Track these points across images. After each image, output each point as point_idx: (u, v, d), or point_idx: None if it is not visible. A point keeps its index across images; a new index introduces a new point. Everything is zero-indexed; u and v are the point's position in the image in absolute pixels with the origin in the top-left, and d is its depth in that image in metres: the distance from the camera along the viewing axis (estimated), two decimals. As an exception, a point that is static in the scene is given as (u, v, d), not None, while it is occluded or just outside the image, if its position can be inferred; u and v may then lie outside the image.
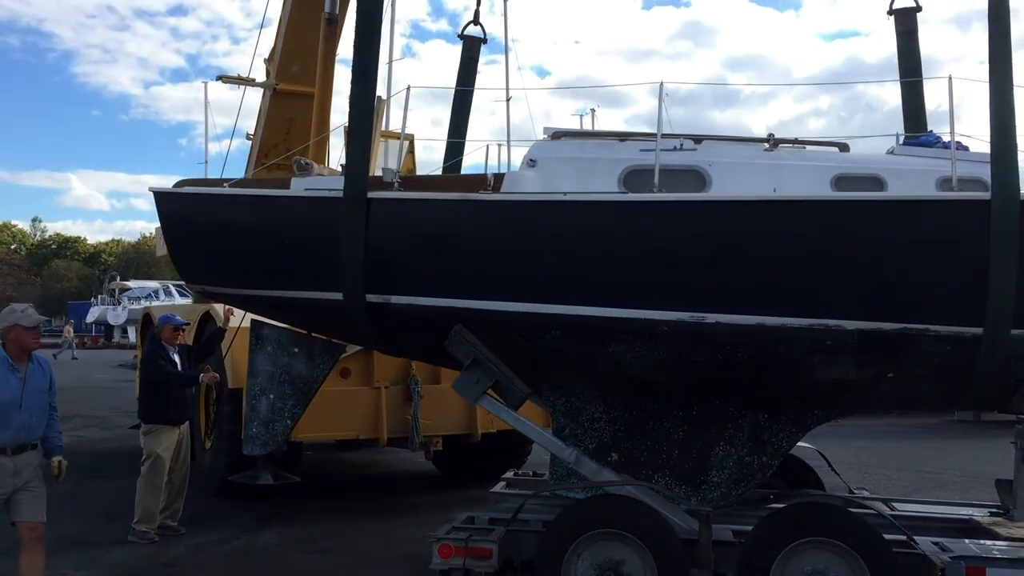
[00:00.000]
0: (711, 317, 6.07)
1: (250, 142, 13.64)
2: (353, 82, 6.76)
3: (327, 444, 12.58)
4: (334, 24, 11.81)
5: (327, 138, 11.18)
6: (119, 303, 52.44)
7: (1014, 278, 5.70)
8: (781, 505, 6.56)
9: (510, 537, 6.59)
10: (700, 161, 6.76)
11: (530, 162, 7.03)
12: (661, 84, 6.51)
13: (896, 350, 6.01)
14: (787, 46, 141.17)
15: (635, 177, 6.71)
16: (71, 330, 46.95)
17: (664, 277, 6.25)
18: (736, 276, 6.13)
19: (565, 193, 6.53)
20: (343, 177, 6.86)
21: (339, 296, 6.77)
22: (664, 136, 6.66)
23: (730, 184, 6.63)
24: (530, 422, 7.11)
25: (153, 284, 50.56)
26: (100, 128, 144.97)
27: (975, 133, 6.43)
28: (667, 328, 6.17)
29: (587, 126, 9.22)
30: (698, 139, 7.00)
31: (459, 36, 9.36)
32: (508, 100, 8.38)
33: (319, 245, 6.87)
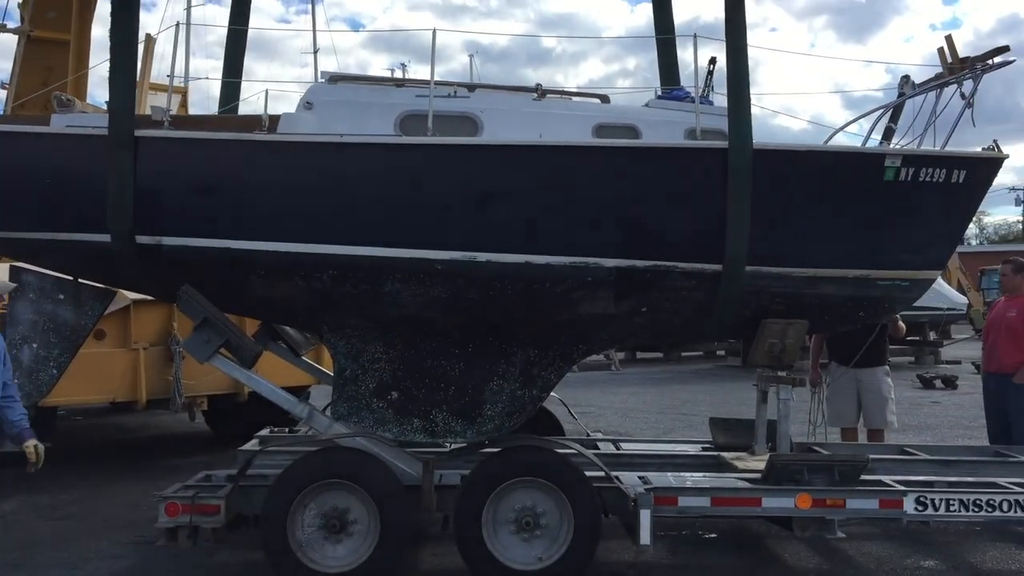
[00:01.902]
0: (482, 256, 6.36)
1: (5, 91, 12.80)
2: (113, 15, 6.44)
3: (99, 408, 12.06)
4: None
5: (86, 82, 10.64)
6: None
7: (747, 219, 6.33)
8: (495, 449, 6.96)
9: (242, 492, 6.61)
10: (472, 108, 7.01)
11: (306, 104, 7.02)
12: (434, 31, 6.67)
13: (648, 286, 6.53)
14: (595, 7, 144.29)
15: (410, 122, 6.88)
16: None
17: (437, 218, 6.44)
18: (504, 217, 6.43)
19: (341, 135, 6.59)
20: (108, 114, 6.56)
21: (107, 238, 6.50)
22: (438, 83, 6.90)
23: (500, 130, 6.91)
24: (262, 379, 7.10)
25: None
26: None
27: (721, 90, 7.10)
28: (441, 267, 6.39)
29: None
30: (471, 87, 7.30)
31: None
32: (316, 52, 8.32)
33: (83, 185, 6.55)
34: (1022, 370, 8.35)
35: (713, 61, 24.60)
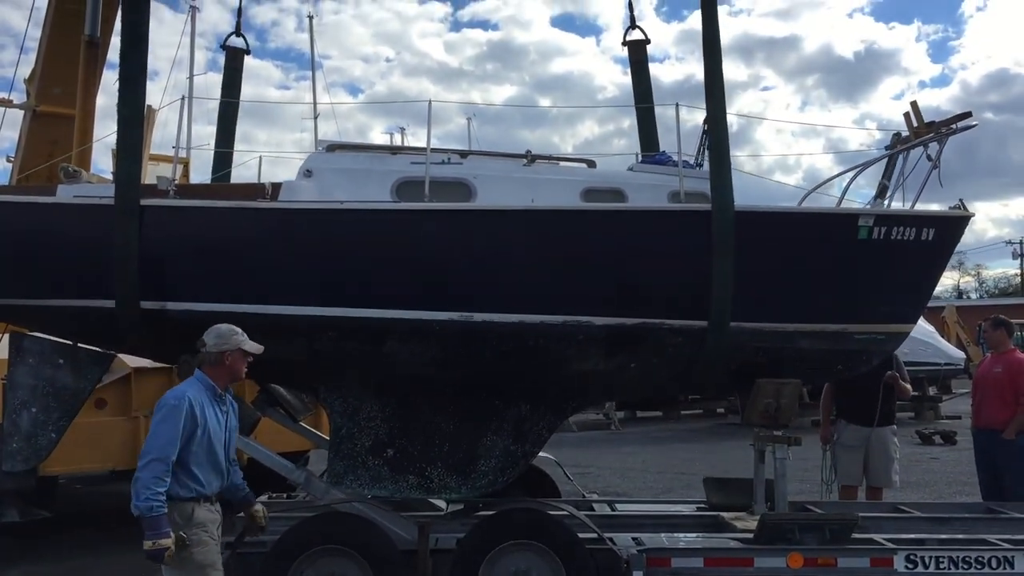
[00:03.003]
0: (478, 316, 6.50)
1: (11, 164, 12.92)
2: (121, 89, 6.62)
3: (100, 476, 11.99)
4: (96, 47, 11.45)
5: (90, 153, 10.86)
6: None
7: (731, 277, 6.51)
8: (490, 512, 6.96)
9: (239, 559, 6.47)
10: (466, 174, 7.24)
11: (306, 172, 7.20)
12: (430, 102, 6.99)
13: (637, 342, 6.68)
14: (590, 70, 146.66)
15: (406, 188, 7.09)
16: None
17: (435, 280, 6.60)
18: (500, 278, 6.59)
19: (342, 202, 6.80)
20: (114, 184, 6.73)
21: (111, 304, 6.59)
22: (433, 150, 7.19)
23: (493, 195, 7.12)
24: (260, 446, 7.13)
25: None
26: None
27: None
28: (439, 328, 6.52)
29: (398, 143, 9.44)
30: (463, 154, 7.51)
31: (222, 47, 9.28)
32: (316, 118, 8.61)
33: (90, 252, 6.67)
34: (1011, 426, 8.27)
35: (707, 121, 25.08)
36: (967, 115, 7.02)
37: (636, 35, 9.06)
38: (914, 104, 7.21)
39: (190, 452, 4.81)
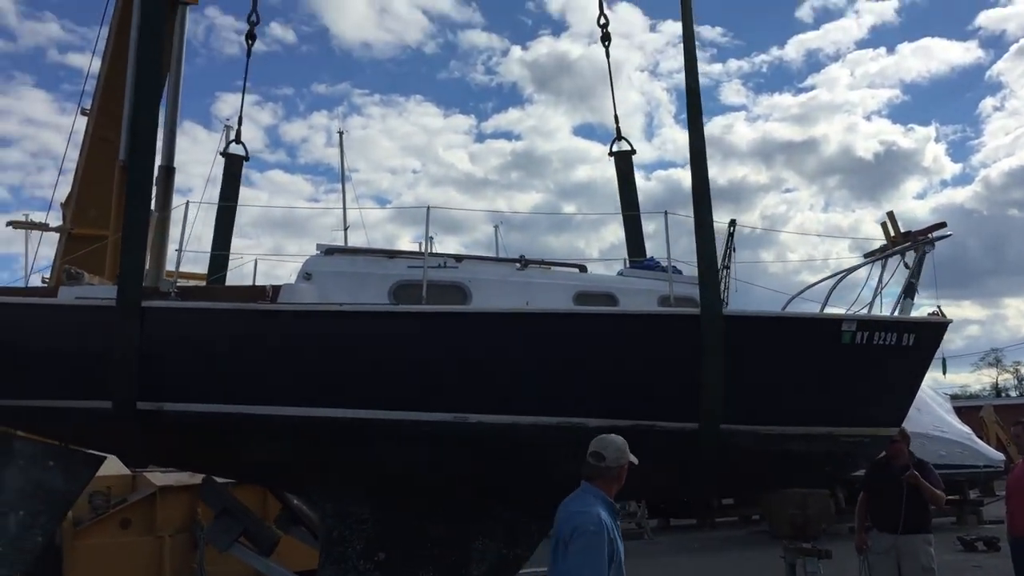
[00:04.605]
0: (473, 418, 6.39)
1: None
2: (128, 195, 6.67)
3: None
4: None
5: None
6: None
7: (720, 379, 6.46)
8: None
9: None
10: (462, 278, 7.27)
11: (305, 275, 7.22)
12: (428, 208, 7.10)
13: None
14: (612, 176, 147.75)
15: (403, 291, 7.07)
16: None
17: (431, 381, 6.49)
18: (495, 379, 6.48)
19: (341, 304, 6.81)
20: (116, 286, 6.69)
21: (108, 404, 6.46)
22: (431, 255, 7.40)
23: (488, 298, 7.10)
24: (279, 567, 6.89)
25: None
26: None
27: (688, 260, 7.64)
28: (433, 429, 6.38)
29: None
30: (459, 258, 7.52)
31: (221, 154, 9.50)
32: (346, 229, 8.86)
33: (88, 353, 6.56)
34: None
35: (733, 223, 25.27)
36: (942, 225, 7.29)
37: (622, 146, 9.40)
38: (890, 214, 7.45)
39: None
